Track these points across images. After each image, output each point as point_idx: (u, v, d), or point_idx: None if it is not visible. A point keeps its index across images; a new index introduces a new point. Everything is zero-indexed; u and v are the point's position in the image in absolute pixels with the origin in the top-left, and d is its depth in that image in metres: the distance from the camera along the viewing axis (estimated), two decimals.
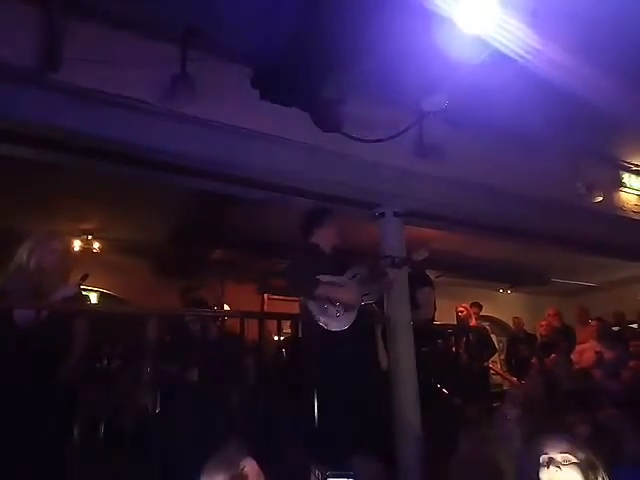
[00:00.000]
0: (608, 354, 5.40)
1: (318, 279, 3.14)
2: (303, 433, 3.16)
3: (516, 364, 6.62)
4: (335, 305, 3.11)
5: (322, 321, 3.10)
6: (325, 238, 3.42)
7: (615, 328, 6.84)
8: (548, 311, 6.61)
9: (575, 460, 1.86)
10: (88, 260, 6.28)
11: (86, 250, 6.48)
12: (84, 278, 3.12)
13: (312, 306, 3.13)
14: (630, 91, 3.82)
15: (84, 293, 3.47)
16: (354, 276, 3.26)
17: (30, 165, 3.77)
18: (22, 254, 2.93)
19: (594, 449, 2.25)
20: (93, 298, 6.74)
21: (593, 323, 5.91)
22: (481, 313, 7.04)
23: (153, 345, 3.56)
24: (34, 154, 3.48)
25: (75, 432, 2.88)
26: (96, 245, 6.60)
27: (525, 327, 7.27)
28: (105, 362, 3.44)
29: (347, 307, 3.12)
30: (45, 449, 2.65)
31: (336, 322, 3.11)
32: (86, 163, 3.61)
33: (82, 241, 6.45)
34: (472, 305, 6.61)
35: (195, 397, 3.38)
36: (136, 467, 3.06)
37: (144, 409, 3.29)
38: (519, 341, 6.91)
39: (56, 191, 4.97)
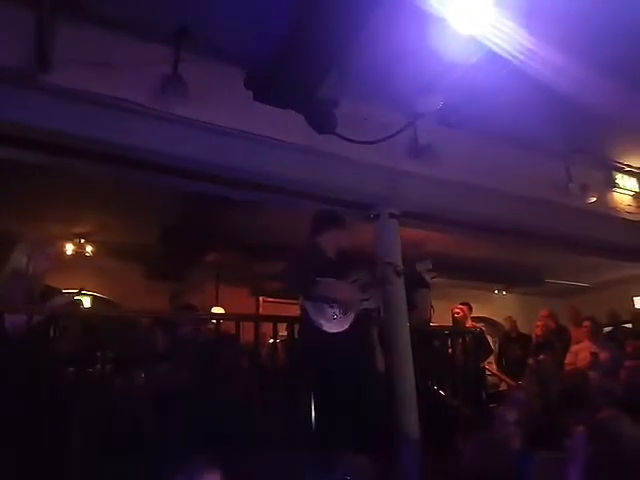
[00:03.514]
0: (603, 354, 5.39)
1: (317, 279, 3.12)
2: (300, 435, 3.14)
3: (507, 364, 6.60)
4: (333, 307, 3.09)
5: (319, 323, 3.08)
6: (330, 242, 3.39)
7: (609, 328, 6.84)
8: (542, 312, 6.60)
9: None
10: (81, 264, 6.23)
11: (79, 254, 6.43)
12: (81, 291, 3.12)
13: (310, 307, 3.11)
14: (623, 91, 3.84)
15: (77, 298, 3.44)
16: (355, 280, 3.23)
17: (22, 168, 3.74)
18: (20, 259, 2.88)
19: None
20: (86, 302, 6.68)
21: (586, 323, 5.88)
22: (476, 314, 7.02)
23: (147, 349, 3.53)
24: (26, 157, 3.44)
25: (69, 437, 2.84)
26: (89, 249, 6.55)
27: (519, 327, 7.24)
28: (98, 366, 3.42)
29: (345, 309, 3.10)
30: (39, 454, 2.62)
31: (334, 324, 3.09)
32: (77, 165, 3.58)
33: (75, 245, 6.40)
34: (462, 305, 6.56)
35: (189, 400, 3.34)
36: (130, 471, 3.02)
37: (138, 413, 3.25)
38: (511, 341, 6.89)
39: (48, 194, 4.93)
